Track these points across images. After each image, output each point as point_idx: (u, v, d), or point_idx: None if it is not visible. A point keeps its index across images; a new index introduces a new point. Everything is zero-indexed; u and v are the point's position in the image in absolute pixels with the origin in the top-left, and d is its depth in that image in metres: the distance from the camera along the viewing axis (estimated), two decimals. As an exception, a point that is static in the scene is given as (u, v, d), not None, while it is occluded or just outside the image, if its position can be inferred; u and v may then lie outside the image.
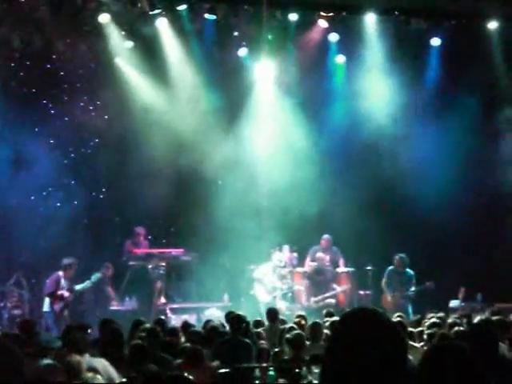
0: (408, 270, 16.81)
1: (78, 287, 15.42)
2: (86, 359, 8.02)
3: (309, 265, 17.59)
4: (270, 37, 17.49)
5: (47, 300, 15.16)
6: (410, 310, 16.37)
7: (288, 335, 9.69)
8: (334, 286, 17.33)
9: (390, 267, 16.95)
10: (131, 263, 16.79)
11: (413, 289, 16.70)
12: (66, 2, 15.53)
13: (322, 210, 17.53)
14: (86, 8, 15.85)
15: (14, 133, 16.71)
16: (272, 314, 12.45)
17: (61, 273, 15.29)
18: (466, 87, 18.14)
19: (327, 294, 17.04)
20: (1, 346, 3.65)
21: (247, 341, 10.19)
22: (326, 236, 17.79)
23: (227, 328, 11.04)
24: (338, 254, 17.87)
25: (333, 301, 16.98)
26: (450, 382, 3.38)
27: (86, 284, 15.48)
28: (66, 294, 15.17)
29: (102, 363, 8.20)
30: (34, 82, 17.40)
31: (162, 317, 13.28)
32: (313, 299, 16.96)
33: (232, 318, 10.91)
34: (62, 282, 15.26)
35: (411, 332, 10.74)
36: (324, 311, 13.58)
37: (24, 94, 17.24)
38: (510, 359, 7.69)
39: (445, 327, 10.55)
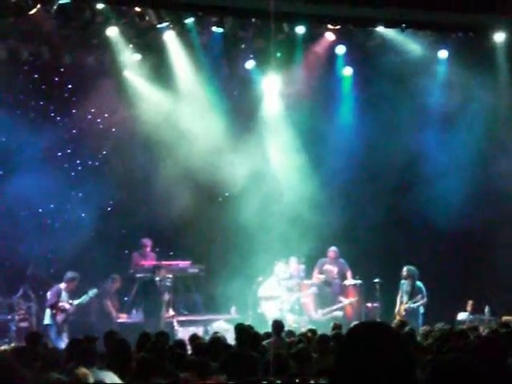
0: (418, 282, 16.75)
1: (75, 302, 15.40)
2: (94, 372, 8.00)
3: (316, 277, 17.57)
4: (277, 50, 17.53)
5: (48, 313, 15.19)
6: (419, 322, 16.25)
7: (292, 349, 9.68)
8: (341, 298, 17.29)
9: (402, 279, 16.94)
10: (138, 275, 16.80)
11: (410, 303, 16.66)
12: (74, 15, 15.57)
13: (328, 222, 17.51)
14: (94, 21, 15.89)
15: (22, 145, 16.75)
16: (277, 326, 12.41)
17: (62, 285, 15.34)
18: (474, 100, 18.14)
19: (334, 307, 17.01)
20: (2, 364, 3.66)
21: (253, 353, 10.15)
22: (333, 248, 17.77)
23: (231, 340, 11.03)
24: (346, 266, 17.85)
25: (340, 313, 16.95)
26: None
27: (84, 298, 15.44)
28: (67, 306, 15.20)
29: (109, 376, 8.18)
30: (42, 94, 17.47)
31: (166, 330, 13.27)
32: (320, 312, 16.92)
33: (239, 330, 10.88)
34: (63, 294, 15.29)
35: (421, 344, 10.70)
36: (331, 324, 13.55)
37: (32, 106, 17.31)
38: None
39: (452, 340, 10.51)
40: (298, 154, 18.16)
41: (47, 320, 15.20)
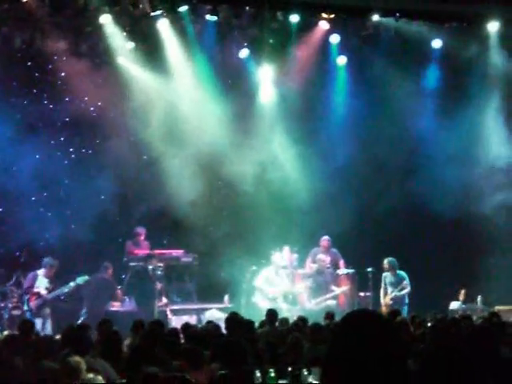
0: (399, 271, 16.88)
1: (60, 289, 15.34)
2: (86, 360, 8.01)
3: (310, 266, 17.57)
4: (270, 39, 17.53)
5: (26, 298, 15.22)
6: (404, 311, 16.33)
7: (285, 338, 9.71)
8: (333, 287, 17.30)
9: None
10: (131, 264, 16.77)
11: (396, 291, 16.80)
12: (67, 2, 15.52)
13: (322, 210, 17.56)
14: (87, 8, 15.84)
15: (15, 133, 16.70)
16: (271, 315, 12.42)
17: (40, 271, 15.35)
18: (468, 87, 18.16)
19: (327, 296, 17.02)
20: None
21: (243, 342, 10.16)
22: (325, 237, 17.77)
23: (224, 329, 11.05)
24: (338, 256, 17.86)
25: (333, 302, 16.97)
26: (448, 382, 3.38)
27: (69, 286, 15.38)
28: (43, 291, 15.17)
29: (101, 363, 8.20)
30: (35, 82, 17.41)
31: (159, 318, 13.27)
32: (313, 301, 16.92)
33: (229, 319, 10.90)
34: (41, 279, 15.27)
35: (413, 333, 10.73)
36: (324, 313, 13.58)
37: (25, 94, 17.25)
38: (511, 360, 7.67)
39: (445, 328, 10.53)
40: (295, 142, 18.15)
41: (25, 305, 15.23)
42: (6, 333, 10.97)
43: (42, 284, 15.29)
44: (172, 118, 17.41)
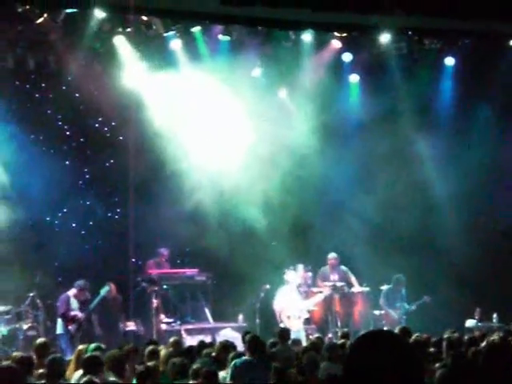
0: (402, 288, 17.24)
1: (91, 306, 15.32)
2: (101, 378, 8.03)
3: (322, 285, 17.42)
4: (283, 58, 17.58)
5: (60, 322, 15.12)
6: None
7: (301, 357, 9.71)
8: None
9: (388, 286, 17.25)
10: (142, 284, 16.69)
11: (413, 305, 17.10)
12: (80, 23, 15.61)
13: (335, 228, 17.54)
14: (100, 30, 15.93)
15: (29, 154, 16.78)
16: (284, 334, 12.38)
17: (71, 293, 15.25)
18: (482, 106, 18.12)
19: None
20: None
21: (264, 361, 10.14)
22: (333, 255, 17.60)
23: (239, 348, 11.03)
24: (347, 274, 17.65)
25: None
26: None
27: (98, 299, 15.34)
28: (79, 314, 15.11)
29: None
30: (49, 103, 17.50)
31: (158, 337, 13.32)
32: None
33: (249, 338, 10.88)
34: (73, 301, 15.21)
35: (429, 352, 10.68)
36: (339, 332, 13.56)
37: (39, 115, 17.33)
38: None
39: (461, 347, 10.49)
40: (306, 158, 18.14)
41: (59, 329, 15.10)
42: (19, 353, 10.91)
43: (74, 306, 15.23)
44: (183, 137, 17.44)
